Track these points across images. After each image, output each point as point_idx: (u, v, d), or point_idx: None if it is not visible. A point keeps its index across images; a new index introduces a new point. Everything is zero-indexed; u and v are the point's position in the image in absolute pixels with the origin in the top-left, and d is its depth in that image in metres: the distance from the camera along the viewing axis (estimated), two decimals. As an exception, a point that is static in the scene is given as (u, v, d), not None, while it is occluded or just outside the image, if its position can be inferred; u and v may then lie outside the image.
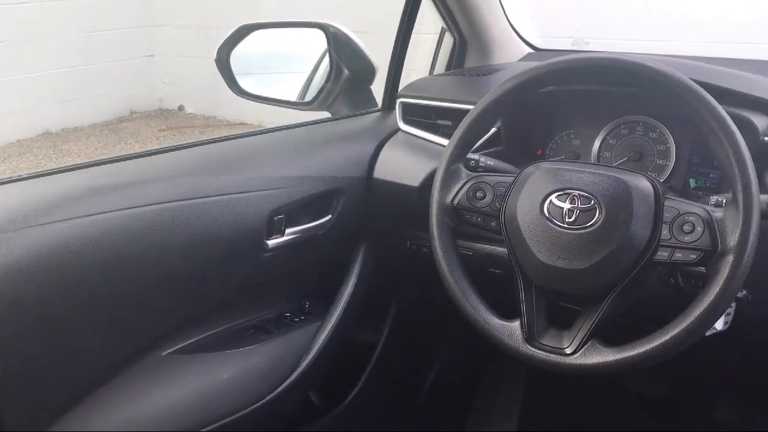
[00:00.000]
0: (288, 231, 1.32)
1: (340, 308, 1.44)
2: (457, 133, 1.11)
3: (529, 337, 1.00)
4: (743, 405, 1.66)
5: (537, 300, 1.02)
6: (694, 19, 3.45)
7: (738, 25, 3.29)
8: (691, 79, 0.96)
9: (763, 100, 1.14)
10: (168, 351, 1.22)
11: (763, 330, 1.17)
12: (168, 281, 1.17)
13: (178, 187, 1.18)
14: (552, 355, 0.98)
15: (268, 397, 1.31)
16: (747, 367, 1.46)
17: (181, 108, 6.83)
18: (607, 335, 0.97)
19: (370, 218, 1.46)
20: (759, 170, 0.98)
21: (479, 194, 1.07)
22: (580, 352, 0.96)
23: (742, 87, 1.14)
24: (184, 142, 1.35)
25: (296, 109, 1.67)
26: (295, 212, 1.33)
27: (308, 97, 1.64)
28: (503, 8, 1.62)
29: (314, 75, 1.67)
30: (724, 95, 1.03)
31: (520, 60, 1.67)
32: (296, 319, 1.40)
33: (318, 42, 1.57)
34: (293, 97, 1.67)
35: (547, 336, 1.00)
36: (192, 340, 1.25)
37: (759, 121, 1.11)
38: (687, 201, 0.97)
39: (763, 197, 0.95)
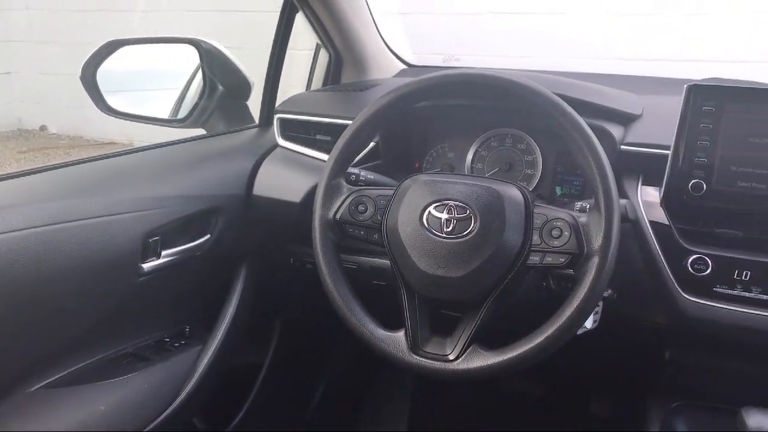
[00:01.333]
0: (164, 253, 1.27)
1: (222, 330, 1.40)
2: (337, 148, 1.11)
3: (414, 346, 1.02)
4: (615, 399, 1.77)
5: (420, 309, 1.04)
6: (553, 37, 3.68)
7: (589, 41, 3.54)
8: (553, 93, 1.02)
9: (618, 112, 1.23)
10: (37, 386, 1.14)
11: (628, 327, 1.25)
12: (37, 311, 1.10)
13: (44, 211, 1.11)
14: (436, 363, 1.00)
15: (149, 427, 1.25)
16: (616, 363, 1.55)
17: (43, 128, 6.44)
18: (487, 340, 1.01)
19: (251, 236, 1.44)
20: (618, 177, 1.05)
21: (361, 208, 1.08)
22: (462, 357, 0.99)
23: (599, 99, 1.22)
24: (49, 164, 1.27)
25: (169, 126, 1.62)
26: (171, 233, 1.29)
27: (181, 114, 1.60)
28: (377, 26, 1.65)
29: (187, 91, 1.63)
30: (583, 107, 1.10)
31: (395, 76, 1.70)
32: (176, 344, 1.35)
33: (190, 58, 1.54)
34: (165, 114, 1.62)
35: (430, 344, 1.02)
36: (64, 372, 1.18)
37: (615, 130, 1.20)
38: (554, 207, 1.02)
39: (623, 202, 1.02)
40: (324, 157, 1.36)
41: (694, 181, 1.10)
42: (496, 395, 1.85)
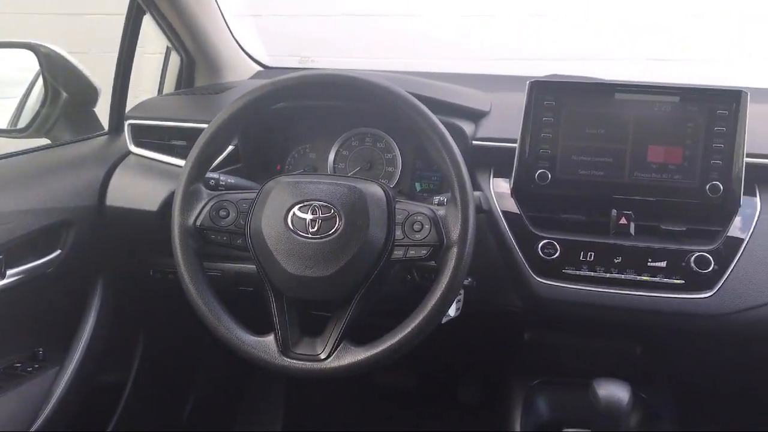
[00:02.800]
0: (10, 272, 1.19)
1: (80, 350, 1.32)
2: (193, 153, 1.08)
3: (284, 349, 1.01)
4: (479, 384, 1.85)
5: (289, 311, 1.03)
6: (407, 38, 3.78)
7: (443, 42, 3.67)
8: (408, 92, 1.05)
9: (469, 109, 1.29)
10: None
11: (489, 312, 1.32)
12: None
13: None
14: (308, 363, 1.00)
15: None
16: (479, 348, 1.62)
17: None
18: (357, 336, 1.02)
19: (106, 249, 1.37)
20: (471, 170, 1.10)
21: (222, 213, 1.06)
22: (333, 355, 1.00)
23: (451, 98, 1.28)
24: None
25: (8, 137, 1.51)
26: (16, 250, 1.20)
27: (22, 124, 1.49)
28: (229, 28, 1.62)
29: (27, 99, 1.52)
30: (437, 105, 1.14)
31: (251, 78, 1.68)
32: (29, 369, 1.26)
33: (28, 63, 1.43)
34: (3, 124, 1.50)
35: (301, 345, 1.02)
36: None
37: (467, 126, 1.25)
38: (414, 203, 1.05)
39: (477, 194, 1.07)
40: (180, 162, 1.32)
41: (539, 171, 1.18)
42: (369, 391, 1.88)
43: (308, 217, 1.01)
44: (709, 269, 1.11)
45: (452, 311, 1.12)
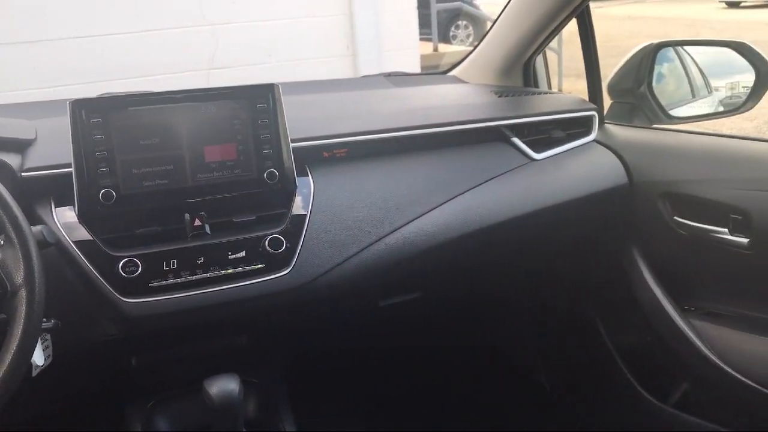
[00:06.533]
0: None
1: None
2: None
3: None
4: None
5: None
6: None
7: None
8: None
9: (10, 140, 1.18)
10: None
11: (88, 349, 1.23)
12: None
13: None
14: None
15: None
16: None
17: None
18: None
19: None
20: (28, 204, 1.02)
21: None
22: None
23: None
24: None
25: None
26: None
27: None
28: None
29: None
30: None
31: None
32: None
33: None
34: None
35: None
36: None
37: (11, 159, 1.15)
38: None
39: (38, 228, 0.99)
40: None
41: (103, 191, 1.14)
42: None
43: None
44: (283, 248, 1.21)
45: (39, 360, 1.03)
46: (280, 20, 3.97)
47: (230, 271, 1.18)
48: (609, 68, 1.71)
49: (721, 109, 1.68)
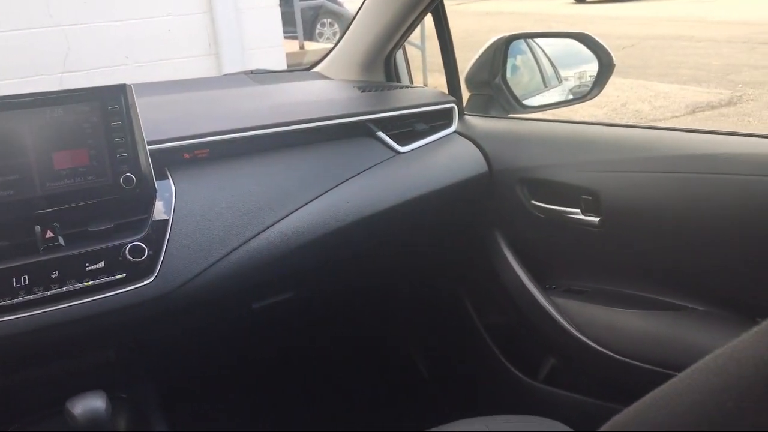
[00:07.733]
0: None
1: None
2: None
3: None
4: None
5: None
6: None
7: None
8: None
9: None
10: None
11: None
12: None
13: None
14: None
15: None
16: None
17: None
18: None
19: None
20: None
21: None
22: None
23: None
24: None
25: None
26: None
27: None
28: None
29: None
30: None
31: None
32: None
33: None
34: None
35: None
36: None
37: None
38: None
39: None
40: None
41: None
42: None
43: None
44: (145, 256, 1.16)
45: None
46: (136, 20, 3.81)
47: (89, 283, 1.11)
48: (470, 62, 1.77)
49: (570, 97, 1.76)
